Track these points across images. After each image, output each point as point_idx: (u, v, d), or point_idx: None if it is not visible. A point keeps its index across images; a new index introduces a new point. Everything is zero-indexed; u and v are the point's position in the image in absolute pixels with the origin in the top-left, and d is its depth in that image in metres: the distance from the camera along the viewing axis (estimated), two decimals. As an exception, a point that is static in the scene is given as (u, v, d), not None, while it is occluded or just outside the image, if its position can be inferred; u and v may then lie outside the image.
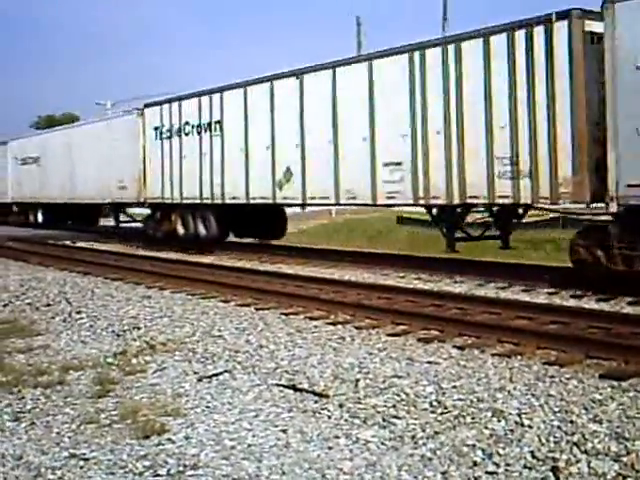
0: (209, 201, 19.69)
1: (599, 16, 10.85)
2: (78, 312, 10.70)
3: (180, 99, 21.01)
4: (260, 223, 20.78)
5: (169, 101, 21.56)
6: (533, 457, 4.72)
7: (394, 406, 5.86)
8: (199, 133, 20.00)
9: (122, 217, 27.06)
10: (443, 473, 4.54)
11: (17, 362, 7.65)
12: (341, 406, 5.91)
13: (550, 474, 4.47)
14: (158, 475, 4.61)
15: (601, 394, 6.01)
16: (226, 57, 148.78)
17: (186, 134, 20.53)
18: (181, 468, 4.69)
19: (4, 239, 24.77)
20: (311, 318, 9.77)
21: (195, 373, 7.08)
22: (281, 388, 6.46)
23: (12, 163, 34.40)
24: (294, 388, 6.44)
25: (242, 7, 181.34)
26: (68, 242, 24.09)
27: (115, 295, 12.29)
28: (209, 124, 19.57)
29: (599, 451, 4.77)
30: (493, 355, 7.48)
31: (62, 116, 68.14)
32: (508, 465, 4.61)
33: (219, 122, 19.25)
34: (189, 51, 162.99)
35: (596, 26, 11.05)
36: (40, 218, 32.88)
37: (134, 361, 7.56)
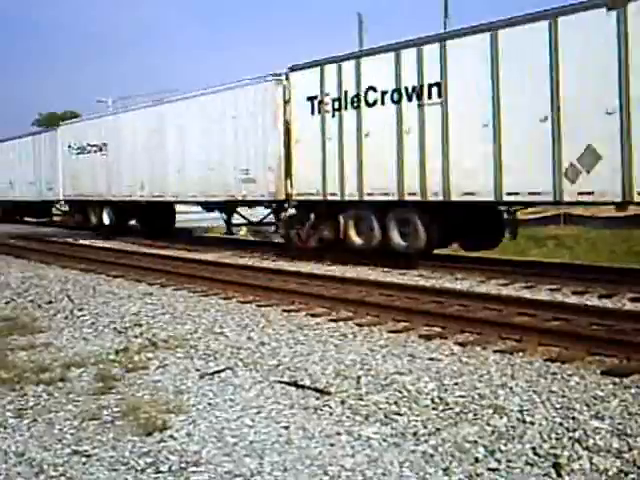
0: (416, 198, 14.06)
1: None
2: (80, 309, 10.70)
3: (359, 56, 15.26)
4: (476, 227, 14.74)
5: (337, 60, 15.51)
6: (535, 453, 4.72)
7: (396, 403, 5.86)
8: (397, 102, 14.26)
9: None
10: (445, 469, 4.55)
11: (19, 359, 7.65)
12: (343, 403, 5.91)
13: (552, 470, 4.47)
14: (160, 472, 4.61)
15: (603, 391, 6.01)
16: (226, 56, 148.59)
17: (370, 104, 14.74)
18: (183, 465, 4.70)
19: (5, 236, 24.79)
20: (313, 315, 9.77)
21: (197, 370, 7.08)
22: (283, 385, 6.47)
23: (64, 153, 27.92)
24: (296, 385, 6.44)
25: (241, 7, 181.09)
26: (70, 239, 24.10)
27: (117, 292, 12.29)
28: (418, 88, 13.83)
29: (601, 448, 4.77)
30: (495, 352, 7.48)
31: (64, 113, 68.20)
32: (510, 461, 4.61)
33: (438, 85, 13.54)
34: (189, 51, 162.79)
35: None
36: (107, 220, 25.61)
37: (136, 358, 7.56)
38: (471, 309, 9.62)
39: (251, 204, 19.18)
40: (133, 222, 26.01)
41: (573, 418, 5.34)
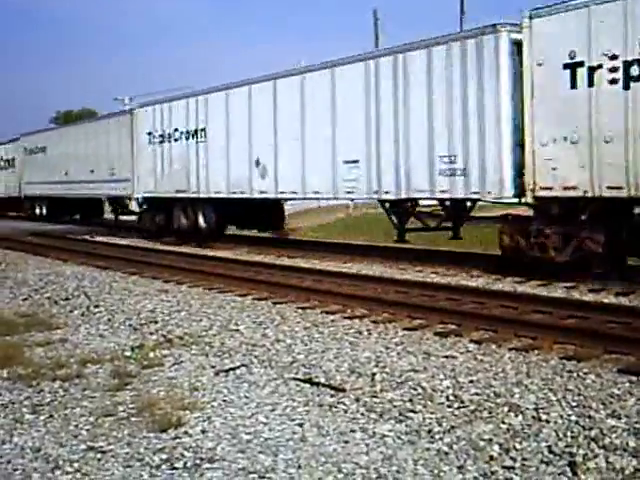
0: None
1: None
2: (96, 306, 10.76)
3: None
4: None
5: None
6: (550, 452, 4.70)
7: (410, 400, 5.85)
8: None
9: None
10: (459, 467, 4.53)
11: (36, 355, 7.70)
12: (357, 400, 5.90)
13: (567, 469, 4.44)
14: (175, 468, 4.63)
15: (619, 389, 5.97)
16: (243, 52, 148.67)
17: None
18: (198, 461, 4.71)
19: (25, 234, 24.97)
20: (328, 312, 9.77)
21: (212, 367, 7.10)
22: (298, 382, 6.47)
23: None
24: (310, 382, 6.44)
25: (258, 2, 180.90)
26: (87, 237, 24.23)
27: (133, 289, 12.35)
28: None
29: (617, 446, 4.74)
30: (510, 349, 7.45)
31: (81, 111, 68.59)
32: (525, 460, 4.59)
33: None
34: (205, 47, 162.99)
35: None
36: None
37: (151, 355, 7.59)
38: (486, 307, 9.58)
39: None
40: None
41: (589, 416, 5.31)
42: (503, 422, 5.27)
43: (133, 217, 26.00)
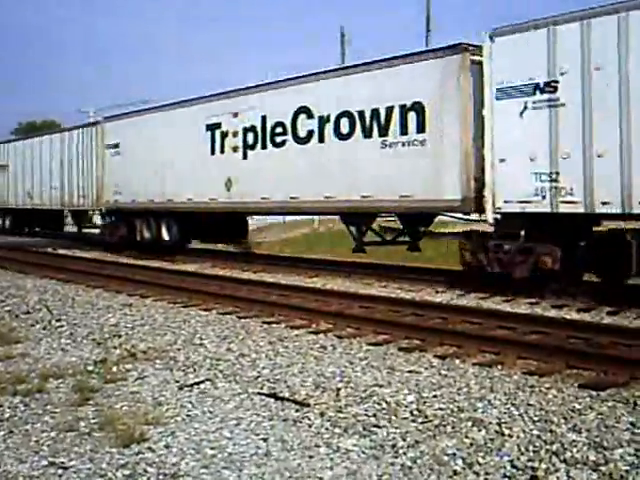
0: None
1: None
2: (58, 320, 10.62)
3: None
4: None
5: None
6: (513, 466, 4.74)
7: (375, 415, 5.87)
8: None
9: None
10: (423, 482, 4.55)
11: (-4, 370, 7.58)
12: (322, 415, 5.90)
13: (529, 483, 4.49)
14: (138, 484, 4.58)
15: (580, 404, 6.05)
16: (207, 68, 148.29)
17: None
18: (161, 477, 4.67)
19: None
20: (293, 327, 9.77)
21: (176, 381, 7.05)
22: (262, 397, 6.45)
23: None
24: (275, 397, 6.43)
25: (224, 18, 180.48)
26: (49, 249, 23.93)
27: (96, 303, 12.21)
28: None
29: (578, 460, 4.80)
30: (474, 365, 7.51)
31: (43, 122, 67.93)
32: (488, 474, 4.63)
33: None
34: (166, 61, 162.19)
35: None
36: None
37: (114, 369, 7.51)
38: (451, 322, 9.65)
39: None
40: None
41: (551, 431, 5.38)
42: (467, 437, 5.31)
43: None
